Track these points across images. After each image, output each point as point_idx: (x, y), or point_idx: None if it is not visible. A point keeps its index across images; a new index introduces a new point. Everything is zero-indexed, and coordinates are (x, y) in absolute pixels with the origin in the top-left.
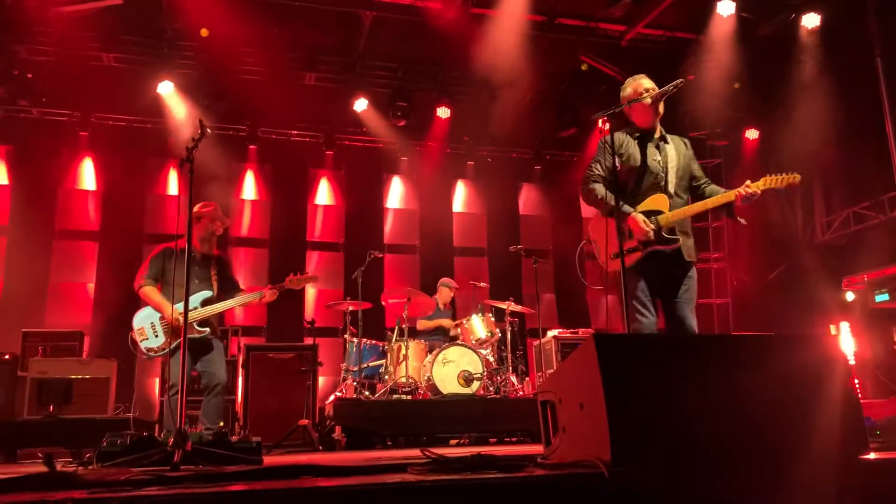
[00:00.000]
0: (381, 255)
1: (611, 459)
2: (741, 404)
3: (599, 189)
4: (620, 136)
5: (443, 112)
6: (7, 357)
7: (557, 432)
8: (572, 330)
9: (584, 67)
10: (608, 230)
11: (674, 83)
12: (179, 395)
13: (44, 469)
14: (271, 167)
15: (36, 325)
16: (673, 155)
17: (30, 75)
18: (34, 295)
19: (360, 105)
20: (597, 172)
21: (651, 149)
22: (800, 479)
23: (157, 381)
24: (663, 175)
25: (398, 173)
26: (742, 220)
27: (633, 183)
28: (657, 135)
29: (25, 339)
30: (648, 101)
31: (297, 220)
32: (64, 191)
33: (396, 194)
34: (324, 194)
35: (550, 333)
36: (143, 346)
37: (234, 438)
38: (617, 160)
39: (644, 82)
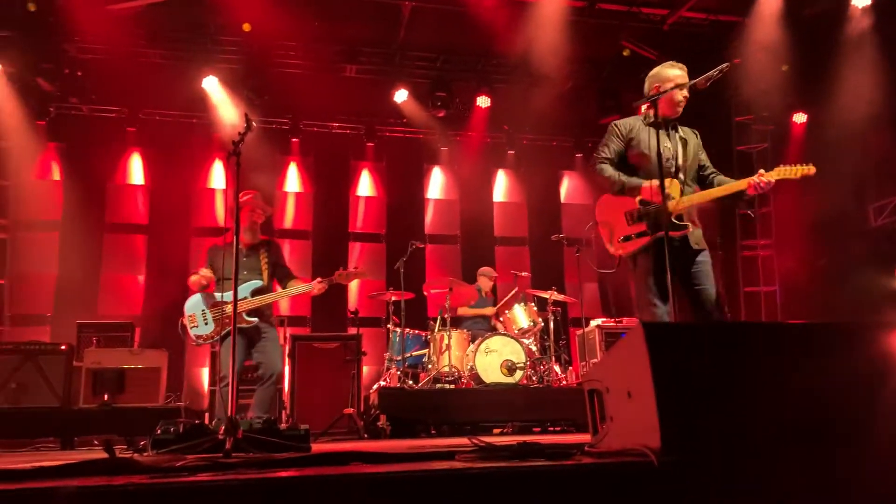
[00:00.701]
0: (422, 246)
1: (660, 448)
2: (794, 392)
3: (608, 169)
4: (631, 122)
5: (482, 101)
6: (64, 347)
7: (604, 421)
8: (616, 319)
9: (625, 53)
10: (616, 212)
11: (719, 68)
12: (230, 384)
13: (104, 455)
14: (313, 159)
15: (89, 317)
16: (683, 143)
17: (79, 73)
18: (87, 287)
19: (401, 96)
20: (604, 155)
21: (662, 136)
22: (857, 472)
23: (204, 371)
24: (674, 162)
25: (438, 163)
26: (750, 213)
27: (644, 170)
28: (669, 123)
29: (80, 331)
30: (681, 96)
31: (340, 212)
32: (113, 185)
33: (437, 185)
34: (365, 186)
35: (594, 323)
36: (192, 332)
37: (283, 426)
38: (627, 146)
39: (670, 71)
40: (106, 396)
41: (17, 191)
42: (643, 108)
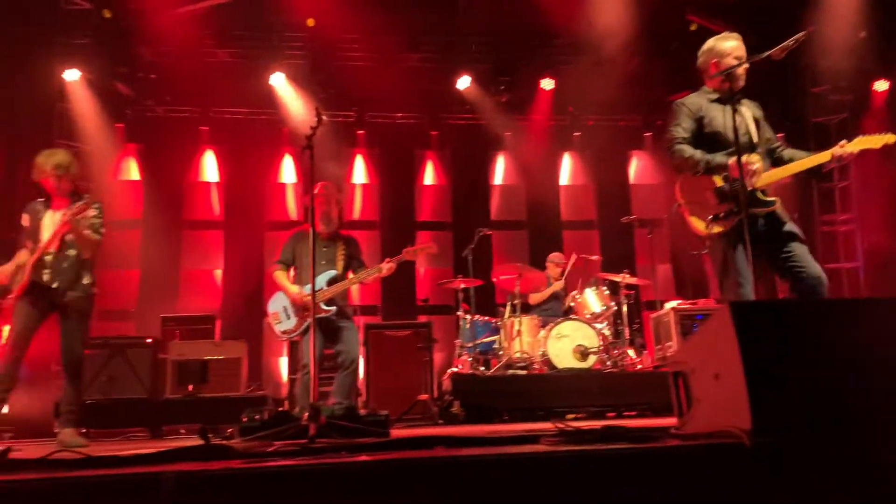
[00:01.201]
0: (489, 233)
1: (751, 429)
2: (889, 370)
3: (687, 149)
4: (695, 99)
5: (546, 83)
6: (149, 341)
7: (690, 403)
8: (691, 301)
9: (692, 28)
10: (702, 192)
11: (794, 37)
12: (311, 372)
13: (198, 442)
14: (379, 151)
15: (171, 311)
16: (750, 116)
17: (153, 76)
18: (168, 282)
19: (463, 83)
20: (680, 135)
21: (730, 111)
22: None
23: (282, 360)
24: (748, 138)
25: (503, 149)
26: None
27: (719, 147)
28: (734, 97)
29: (164, 324)
30: (742, 69)
31: (406, 202)
32: (189, 183)
33: (502, 170)
34: (430, 174)
35: (668, 305)
36: (277, 329)
37: (363, 412)
38: (698, 124)
39: (726, 44)
40: (190, 387)
41: (99, 192)
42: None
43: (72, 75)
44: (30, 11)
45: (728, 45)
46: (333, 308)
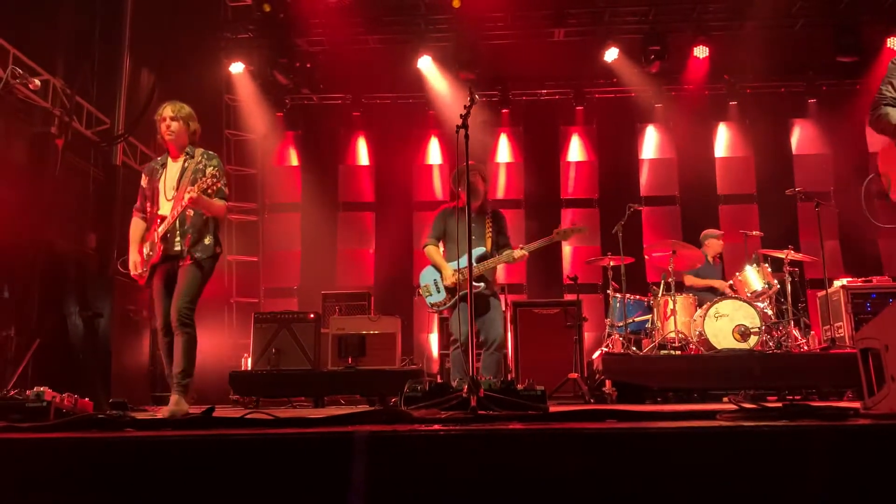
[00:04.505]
0: (639, 208)
1: None
2: None
3: (893, 113)
4: None
5: (700, 51)
6: (312, 316)
7: (883, 381)
8: (864, 278)
9: None
10: None
11: None
12: (469, 347)
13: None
14: (523, 129)
15: (329, 288)
16: None
17: (308, 65)
18: (326, 261)
19: (611, 55)
20: (889, 95)
21: None
22: None
23: (432, 336)
24: None
25: (652, 122)
26: None
27: None
28: None
29: (325, 301)
30: None
31: (551, 179)
32: (344, 167)
33: (651, 144)
34: (576, 151)
35: (837, 283)
36: (428, 301)
37: (520, 387)
38: None
39: None
40: (350, 360)
41: (263, 177)
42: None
43: (236, 68)
44: (197, 8)
45: None
46: (481, 285)
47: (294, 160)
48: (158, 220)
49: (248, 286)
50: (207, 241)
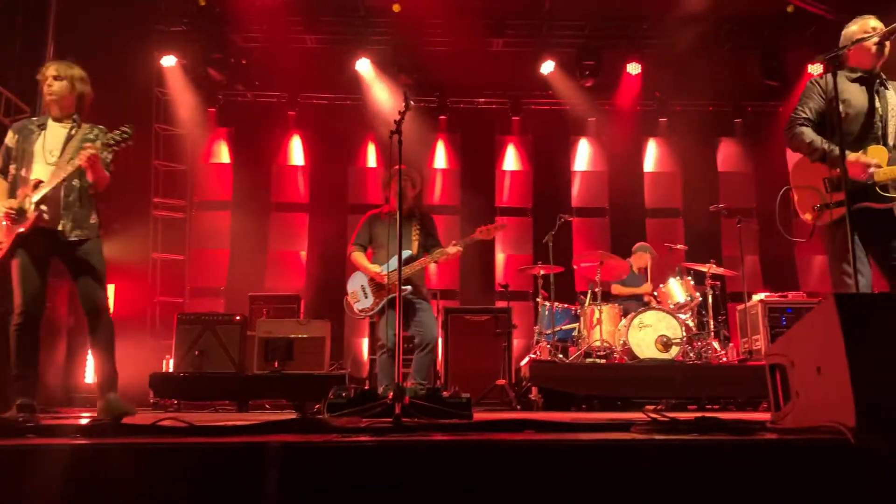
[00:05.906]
0: (570, 219)
1: (855, 425)
2: None
3: (807, 132)
4: (833, 79)
5: (632, 68)
6: (238, 318)
7: (789, 397)
8: (780, 293)
9: (789, 9)
10: (815, 178)
11: None
12: (396, 352)
13: (293, 416)
14: (460, 136)
15: (258, 290)
16: (893, 103)
17: (244, 61)
18: (256, 262)
19: (547, 67)
20: (804, 115)
21: (869, 95)
22: None
23: (363, 341)
24: (881, 125)
25: (585, 135)
26: None
27: (846, 131)
28: (877, 79)
29: (252, 302)
30: (873, 43)
31: (487, 187)
32: (277, 167)
33: (584, 156)
34: (511, 160)
35: (756, 297)
36: (356, 307)
37: (445, 394)
38: (827, 105)
39: (871, 21)
40: (276, 363)
41: (192, 174)
42: (819, 67)
43: (168, 61)
44: None
45: (873, 23)
46: (408, 288)
47: (226, 157)
48: (33, 184)
49: (172, 285)
50: (93, 219)
